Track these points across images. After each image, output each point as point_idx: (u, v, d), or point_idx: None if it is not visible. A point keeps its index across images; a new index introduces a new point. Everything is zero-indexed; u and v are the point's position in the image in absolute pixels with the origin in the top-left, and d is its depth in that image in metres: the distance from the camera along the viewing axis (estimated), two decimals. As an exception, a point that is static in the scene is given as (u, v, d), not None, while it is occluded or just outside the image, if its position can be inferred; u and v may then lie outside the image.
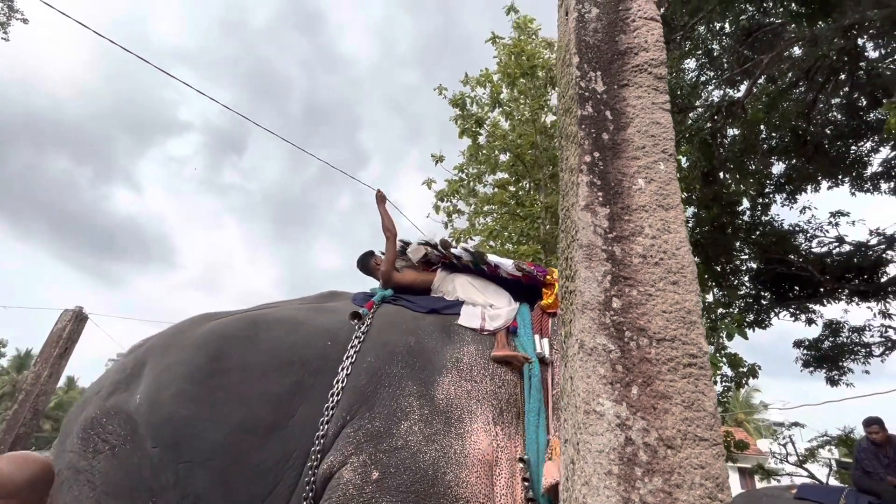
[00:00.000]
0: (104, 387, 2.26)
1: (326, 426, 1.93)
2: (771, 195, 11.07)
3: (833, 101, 10.60)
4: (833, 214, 10.71)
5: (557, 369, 2.17)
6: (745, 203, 11.13)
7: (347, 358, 2.12)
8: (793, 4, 6.35)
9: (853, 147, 10.41)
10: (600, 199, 1.21)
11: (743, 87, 10.40)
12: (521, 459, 1.99)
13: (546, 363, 2.23)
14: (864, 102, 10.09)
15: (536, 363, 2.22)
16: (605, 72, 1.38)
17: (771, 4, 9.00)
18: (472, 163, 10.25)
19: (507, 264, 2.84)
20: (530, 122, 9.66)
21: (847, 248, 10.61)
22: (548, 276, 2.72)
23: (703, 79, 10.70)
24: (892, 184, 10.35)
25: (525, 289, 2.84)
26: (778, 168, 10.92)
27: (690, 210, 11.65)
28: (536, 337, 2.41)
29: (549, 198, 8.90)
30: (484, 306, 2.56)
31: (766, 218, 11.17)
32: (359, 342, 2.19)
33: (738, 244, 11.16)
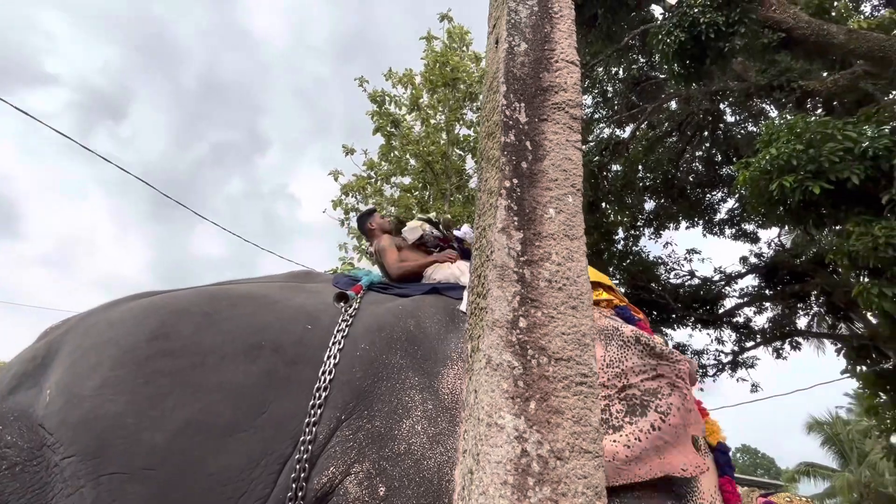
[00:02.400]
0: (4, 381, 1.74)
1: (314, 428, 1.60)
2: (641, 228, 12.45)
3: (697, 154, 12.26)
4: (688, 251, 12.37)
5: None
6: (621, 233, 12.40)
7: (334, 344, 1.77)
8: (675, 65, 7.25)
9: (708, 195, 12.11)
10: (516, 223, 1.28)
11: (628, 130, 11.61)
12: None
13: None
14: (720, 158, 11.81)
15: None
16: (528, 104, 1.48)
17: (657, 60, 10.18)
18: (383, 162, 10.20)
19: None
20: (444, 132, 9.86)
21: (696, 281, 12.26)
22: None
23: (596, 116, 11.76)
24: (734, 230, 12.19)
25: None
26: (649, 205, 12.32)
27: (575, 234, 12.67)
28: None
29: (454, 209, 9.14)
30: None
31: (637, 248, 12.55)
32: (346, 326, 1.85)
33: (611, 269, 12.37)
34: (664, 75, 10.42)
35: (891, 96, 7.80)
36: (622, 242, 12.39)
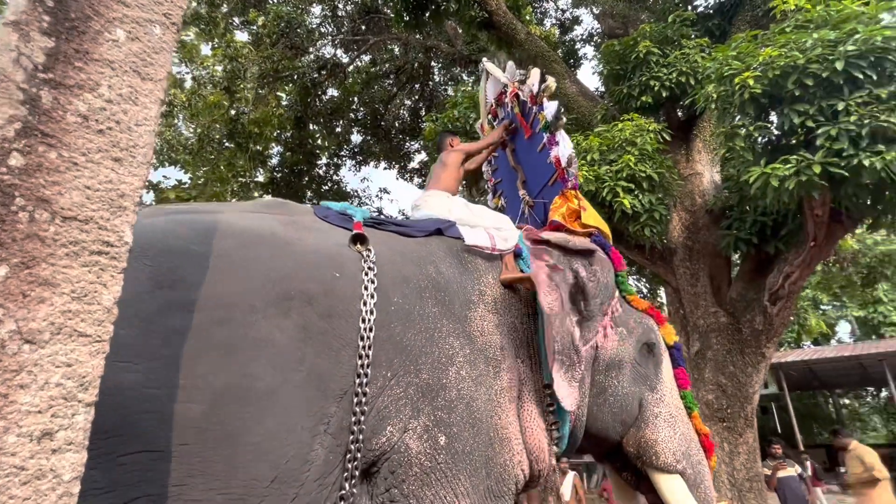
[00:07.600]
0: None
1: (366, 388, 1.59)
2: (344, 158, 12.74)
3: (406, 102, 13.16)
4: (381, 190, 13.42)
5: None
6: (324, 158, 12.39)
7: (371, 297, 1.72)
8: (398, 5, 7.39)
9: (407, 143, 13.25)
10: (46, 24, 0.89)
11: (350, 57, 11.47)
12: (546, 386, 2.06)
13: None
14: (424, 112, 12.99)
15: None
16: None
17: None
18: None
19: (566, 148, 2.74)
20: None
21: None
22: (569, 191, 2.71)
23: (322, 30, 11.16)
24: (421, 180, 13.77)
25: (539, 188, 3.03)
26: (356, 138, 12.67)
27: (277, 149, 12.01)
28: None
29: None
30: (487, 228, 2.38)
31: (337, 177, 12.81)
32: (374, 276, 1.78)
33: (308, 193, 12.32)
34: (392, 14, 10.63)
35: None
36: (324, 168, 12.43)
